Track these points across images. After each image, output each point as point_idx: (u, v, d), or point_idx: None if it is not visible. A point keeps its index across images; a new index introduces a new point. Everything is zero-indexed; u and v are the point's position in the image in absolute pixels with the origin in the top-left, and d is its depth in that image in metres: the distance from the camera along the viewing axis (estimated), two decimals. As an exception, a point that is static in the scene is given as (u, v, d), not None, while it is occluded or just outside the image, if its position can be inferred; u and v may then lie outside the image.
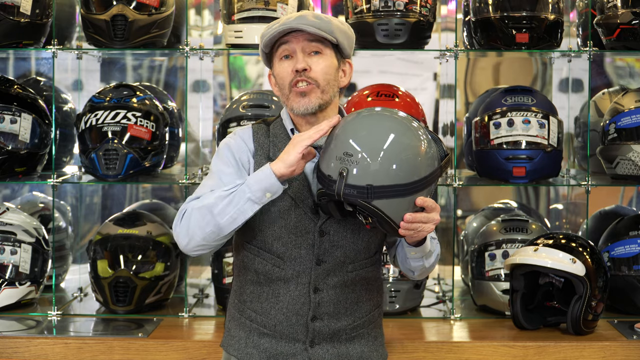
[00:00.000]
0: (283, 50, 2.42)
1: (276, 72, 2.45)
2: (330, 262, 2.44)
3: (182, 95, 4.36)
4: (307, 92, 2.40)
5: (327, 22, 2.41)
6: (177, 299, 3.83)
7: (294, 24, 2.38)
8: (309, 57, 2.41)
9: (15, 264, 3.64)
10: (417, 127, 2.30)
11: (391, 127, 2.28)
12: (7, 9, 3.58)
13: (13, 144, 3.59)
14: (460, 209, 4.68)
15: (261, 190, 2.30)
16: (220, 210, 2.31)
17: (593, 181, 3.69)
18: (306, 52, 2.41)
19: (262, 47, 2.46)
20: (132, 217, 3.79)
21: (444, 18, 4.13)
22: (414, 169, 2.25)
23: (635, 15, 3.53)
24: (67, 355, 3.30)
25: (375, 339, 2.55)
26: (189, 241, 2.37)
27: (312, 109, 2.41)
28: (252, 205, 2.31)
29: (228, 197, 2.31)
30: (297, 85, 2.40)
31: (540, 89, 4.54)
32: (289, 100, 2.42)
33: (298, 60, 2.40)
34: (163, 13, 3.64)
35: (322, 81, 2.41)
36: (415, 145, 2.27)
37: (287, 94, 2.42)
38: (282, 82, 2.43)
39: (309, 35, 2.40)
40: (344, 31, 2.45)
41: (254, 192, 2.30)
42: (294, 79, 2.40)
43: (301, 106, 2.41)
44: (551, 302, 3.47)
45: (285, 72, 2.42)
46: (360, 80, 4.48)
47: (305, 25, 2.37)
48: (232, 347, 2.52)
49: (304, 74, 2.39)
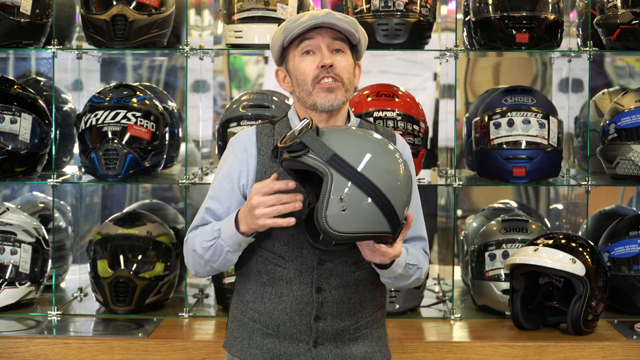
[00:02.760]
0: (306, 46, 2.41)
1: (296, 67, 2.43)
2: (333, 261, 2.43)
3: (182, 95, 4.36)
4: (334, 89, 2.40)
5: (353, 21, 2.43)
6: (177, 299, 3.83)
7: (325, 19, 2.38)
8: (332, 55, 2.41)
9: (15, 264, 3.64)
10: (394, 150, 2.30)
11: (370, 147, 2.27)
12: (7, 9, 3.58)
13: (13, 144, 3.59)
14: (460, 209, 4.68)
15: (235, 244, 2.36)
16: (209, 259, 2.41)
17: (593, 181, 3.69)
18: (330, 49, 2.41)
19: (282, 40, 2.42)
20: (132, 217, 3.79)
21: (444, 18, 4.13)
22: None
23: (635, 15, 3.53)
24: (67, 355, 3.30)
25: (378, 339, 2.55)
26: (196, 274, 2.51)
27: (337, 106, 2.41)
28: (234, 254, 2.39)
29: (211, 249, 2.39)
30: (322, 81, 2.39)
31: (540, 89, 4.54)
32: (312, 96, 2.41)
33: (324, 56, 2.39)
34: (163, 13, 3.64)
35: (346, 79, 2.42)
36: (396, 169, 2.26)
37: (309, 89, 2.41)
38: (304, 77, 2.41)
39: (333, 33, 2.40)
40: (364, 32, 2.48)
41: (231, 246, 2.36)
42: (319, 75, 2.39)
43: (327, 102, 2.40)
44: (551, 302, 3.47)
45: (308, 68, 2.41)
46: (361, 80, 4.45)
47: (336, 20, 2.38)
48: (235, 347, 2.52)
49: (331, 70, 2.39)
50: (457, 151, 3.80)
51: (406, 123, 3.59)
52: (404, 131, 3.57)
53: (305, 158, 2.19)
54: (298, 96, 2.45)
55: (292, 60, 2.44)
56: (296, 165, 2.24)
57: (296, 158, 2.20)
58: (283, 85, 2.50)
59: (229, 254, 2.38)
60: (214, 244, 2.38)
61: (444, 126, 4.22)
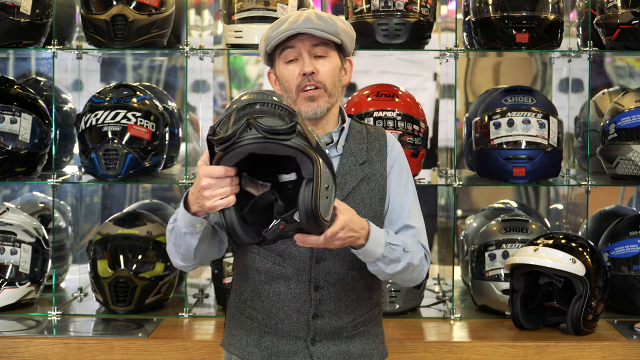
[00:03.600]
0: (288, 54, 2.43)
1: (281, 74, 2.45)
2: (330, 259, 2.44)
3: (182, 95, 4.36)
4: (316, 97, 2.41)
5: (332, 24, 2.42)
6: (177, 299, 3.83)
7: (301, 28, 2.38)
8: (315, 60, 2.42)
9: (15, 264, 3.64)
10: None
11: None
12: (7, 9, 3.58)
13: (13, 144, 3.59)
14: (460, 209, 4.68)
15: (188, 225, 2.29)
16: (174, 243, 2.37)
17: (593, 181, 3.68)
18: (311, 54, 2.42)
19: (265, 49, 2.46)
20: (132, 217, 3.79)
21: (444, 18, 4.13)
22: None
23: (635, 15, 3.53)
24: (67, 355, 3.30)
25: (375, 336, 2.55)
26: (175, 264, 2.45)
27: (321, 113, 2.43)
28: (192, 237, 2.32)
29: (173, 232, 2.35)
30: (305, 90, 2.41)
31: (540, 89, 4.54)
32: (297, 104, 2.43)
33: (305, 63, 2.41)
34: (163, 13, 3.64)
35: (329, 85, 2.43)
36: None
37: (294, 97, 2.43)
38: (289, 85, 2.44)
39: (315, 39, 2.41)
40: (347, 31, 2.46)
41: (186, 227, 2.30)
42: (301, 83, 2.41)
43: (310, 110, 2.42)
44: (551, 302, 3.47)
45: (292, 76, 2.42)
46: (360, 80, 4.48)
47: (312, 29, 2.38)
48: (233, 346, 2.53)
49: (312, 77, 2.40)
50: (457, 151, 3.80)
51: (406, 123, 3.59)
52: (403, 131, 3.57)
53: (295, 141, 2.09)
54: (287, 102, 2.47)
55: (277, 66, 2.46)
56: (275, 149, 2.09)
57: (283, 141, 2.09)
58: (275, 87, 2.52)
59: (186, 236, 2.32)
60: (174, 227, 2.35)
61: (444, 126, 4.22)
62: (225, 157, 2.11)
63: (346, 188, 2.44)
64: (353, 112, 3.63)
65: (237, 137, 2.08)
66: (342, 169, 2.46)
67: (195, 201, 2.22)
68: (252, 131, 2.08)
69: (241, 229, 2.15)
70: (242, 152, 2.09)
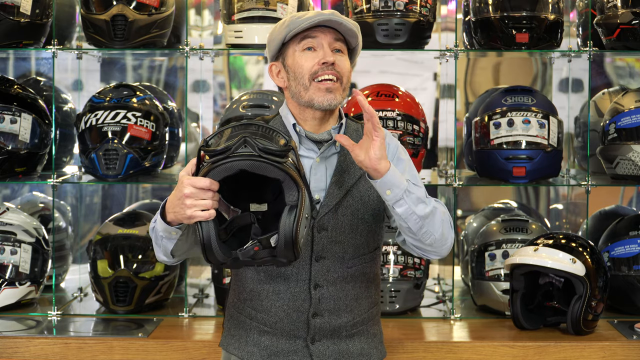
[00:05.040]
0: (307, 42, 2.43)
1: (295, 61, 2.44)
2: (330, 258, 2.44)
3: (182, 95, 4.36)
4: (333, 90, 2.42)
5: (356, 24, 2.47)
6: (177, 299, 3.83)
7: (332, 17, 2.40)
8: (333, 54, 2.44)
9: (15, 264, 3.64)
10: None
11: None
12: (7, 9, 3.58)
13: (13, 144, 3.59)
14: (460, 209, 4.68)
15: (164, 231, 2.31)
16: (155, 241, 2.38)
17: (593, 181, 3.68)
18: (331, 48, 2.44)
19: (285, 34, 2.44)
20: (132, 217, 3.79)
21: (444, 18, 4.13)
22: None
23: (635, 15, 3.53)
24: (67, 355, 3.30)
25: (374, 336, 2.56)
26: (160, 259, 2.45)
27: (335, 105, 2.44)
28: (168, 241, 2.34)
29: (153, 234, 2.37)
30: (319, 79, 2.41)
31: (540, 89, 4.54)
32: (309, 91, 2.42)
33: (327, 53, 2.42)
34: (163, 13, 3.64)
35: (345, 78, 2.45)
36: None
37: (306, 84, 2.42)
38: (301, 70, 2.43)
39: (335, 34, 2.44)
40: (359, 41, 2.51)
41: (163, 232, 2.32)
42: (318, 71, 2.41)
43: (325, 101, 2.42)
44: (551, 302, 3.47)
45: (308, 63, 2.42)
46: (360, 80, 4.48)
47: (342, 20, 2.41)
48: (232, 345, 2.53)
49: (332, 67, 2.41)
50: (457, 151, 3.80)
51: (406, 123, 3.59)
52: (404, 131, 3.57)
53: (287, 166, 2.14)
54: (293, 91, 2.46)
55: (291, 55, 2.45)
56: (266, 169, 2.13)
57: (276, 163, 2.12)
58: (276, 80, 2.50)
59: (163, 239, 2.34)
60: (154, 227, 2.36)
61: (444, 126, 4.22)
62: (214, 171, 2.15)
63: (345, 185, 2.44)
64: (353, 112, 3.63)
65: (231, 151, 2.12)
66: (340, 167, 2.46)
67: (172, 209, 2.23)
68: (247, 148, 2.12)
69: (217, 245, 2.17)
70: (234, 167, 2.14)
